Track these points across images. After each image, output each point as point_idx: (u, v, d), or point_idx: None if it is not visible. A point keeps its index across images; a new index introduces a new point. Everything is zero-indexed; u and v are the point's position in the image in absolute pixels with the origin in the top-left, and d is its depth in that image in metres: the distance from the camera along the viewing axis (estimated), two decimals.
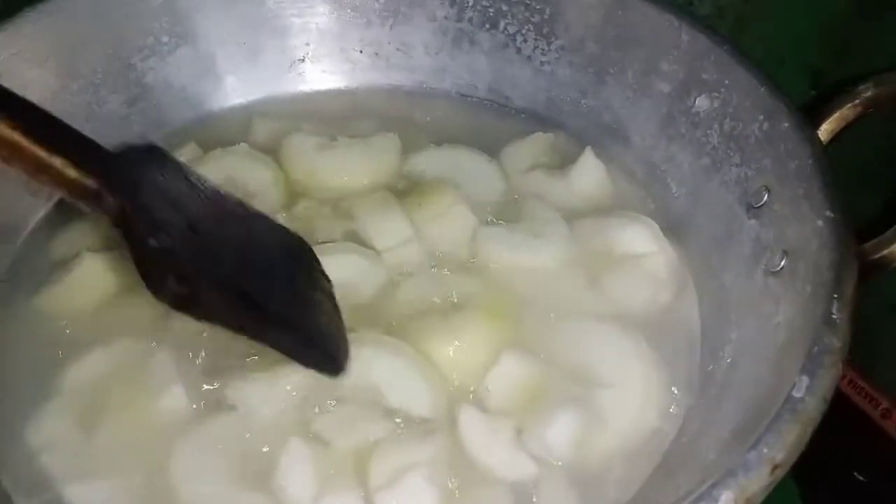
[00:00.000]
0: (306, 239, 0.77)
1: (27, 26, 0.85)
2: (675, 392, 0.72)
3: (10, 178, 0.82)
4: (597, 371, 0.72)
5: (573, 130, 0.96)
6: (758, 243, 0.74)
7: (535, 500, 0.66)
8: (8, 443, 0.67)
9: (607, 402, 0.70)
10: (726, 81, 0.82)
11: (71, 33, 0.88)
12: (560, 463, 0.67)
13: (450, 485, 0.66)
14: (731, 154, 0.81)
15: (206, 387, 0.70)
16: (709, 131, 0.84)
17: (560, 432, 0.67)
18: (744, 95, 0.80)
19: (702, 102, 0.85)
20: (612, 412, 0.70)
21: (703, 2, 0.98)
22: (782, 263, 0.70)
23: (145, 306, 0.76)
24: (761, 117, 0.77)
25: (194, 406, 0.69)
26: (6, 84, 0.60)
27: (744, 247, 0.76)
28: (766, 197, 0.75)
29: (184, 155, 0.91)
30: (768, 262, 0.71)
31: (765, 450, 0.51)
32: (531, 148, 0.92)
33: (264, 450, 0.67)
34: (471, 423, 0.67)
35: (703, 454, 0.61)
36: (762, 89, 0.78)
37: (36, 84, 0.86)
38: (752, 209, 0.76)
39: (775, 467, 0.50)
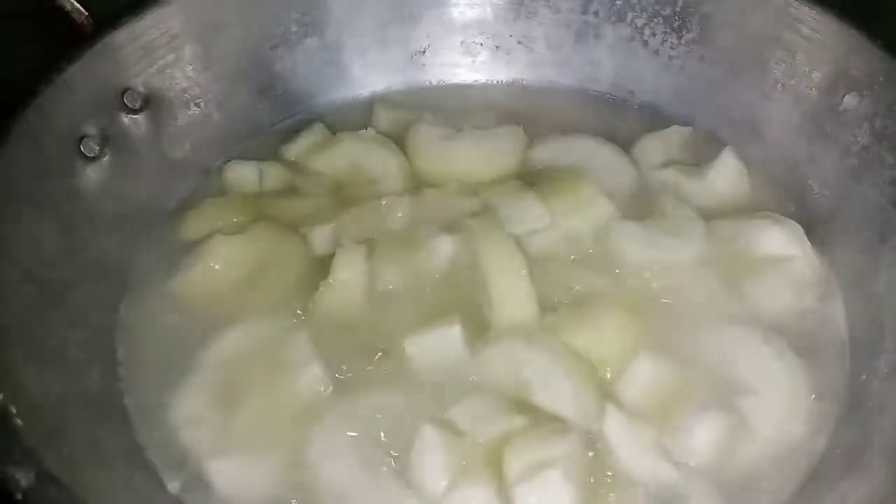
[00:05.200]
0: (434, 219, 0.77)
1: (167, 13, 0.87)
2: (823, 401, 0.69)
3: (151, 166, 0.86)
4: (739, 376, 0.70)
5: (702, 127, 0.93)
6: None
7: None
8: (153, 420, 0.69)
9: (751, 409, 0.68)
10: (880, 78, 0.78)
11: (207, 22, 0.90)
12: (704, 470, 0.65)
13: (588, 484, 0.64)
14: (884, 155, 0.77)
15: (343, 367, 0.70)
16: (857, 131, 0.80)
17: (705, 437, 0.65)
18: None
19: (850, 100, 0.81)
20: (757, 419, 0.67)
21: None
22: None
23: (281, 286, 0.77)
24: None
25: (332, 387, 0.69)
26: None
27: None
28: None
29: (311, 136, 0.92)
30: None
31: None
32: (665, 142, 0.89)
33: (399, 436, 0.67)
34: (615, 424, 0.66)
35: (868, 467, 0.58)
36: None
37: (171, 69, 0.88)
38: None
39: None
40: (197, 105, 0.91)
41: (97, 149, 0.80)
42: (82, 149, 0.79)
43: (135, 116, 0.85)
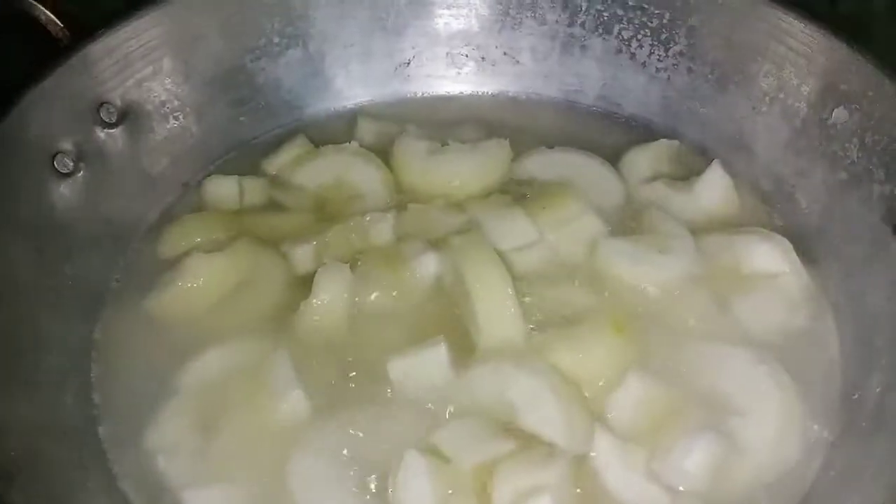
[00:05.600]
0: (419, 235, 0.76)
1: (145, 24, 0.85)
2: (815, 421, 0.68)
3: (128, 182, 0.84)
4: (730, 397, 0.68)
5: (689, 140, 0.92)
6: None
7: None
8: (128, 447, 0.67)
9: (743, 431, 0.66)
10: (869, 93, 0.77)
11: (186, 34, 0.88)
12: (695, 494, 0.63)
13: None
14: (874, 169, 0.76)
15: (325, 390, 0.68)
16: (847, 145, 0.79)
17: (698, 461, 0.63)
18: (890, 107, 0.75)
19: (839, 114, 0.80)
20: (749, 441, 0.66)
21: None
22: None
23: (261, 306, 0.75)
24: None
25: (313, 411, 0.67)
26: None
27: (890, 269, 0.71)
28: None
29: (293, 149, 0.90)
30: None
31: None
32: (653, 155, 0.88)
33: (383, 462, 0.65)
34: (604, 447, 0.64)
35: (864, 490, 0.56)
36: None
37: (149, 82, 0.86)
38: None
39: None
40: (176, 118, 0.89)
41: (72, 165, 0.78)
42: (56, 165, 0.77)
43: (111, 131, 0.83)
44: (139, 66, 0.85)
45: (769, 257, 0.77)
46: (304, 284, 0.76)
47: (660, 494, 0.63)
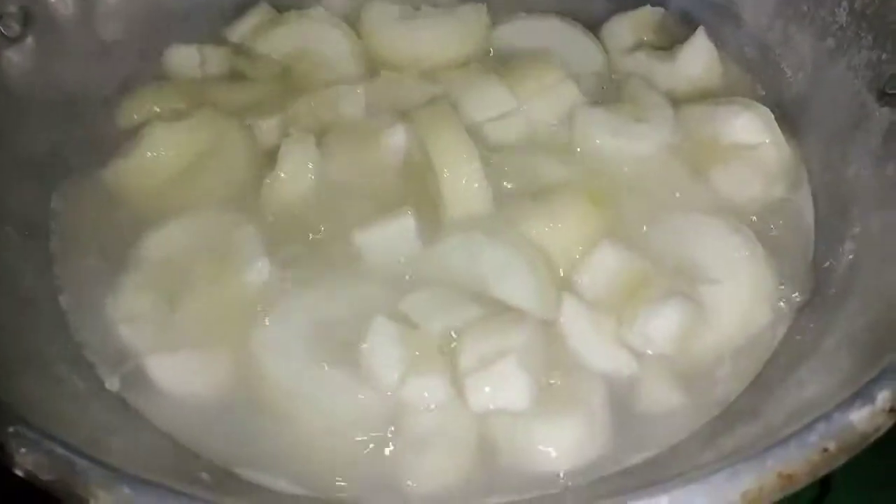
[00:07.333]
0: (390, 107, 0.73)
1: None
2: (785, 288, 0.68)
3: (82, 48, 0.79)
4: (702, 266, 0.68)
5: (676, 7, 0.88)
6: (890, 133, 0.67)
7: (635, 394, 0.62)
8: (88, 315, 0.66)
9: (713, 298, 0.66)
10: None
11: None
12: (662, 358, 0.63)
13: (543, 374, 0.62)
14: (863, 35, 0.73)
15: (291, 260, 0.67)
16: (836, 9, 0.75)
17: (664, 326, 0.63)
18: None
19: None
20: (719, 308, 0.66)
21: None
22: None
23: (225, 178, 0.73)
24: None
25: (280, 281, 0.66)
26: None
27: (872, 137, 0.69)
28: None
29: (256, 16, 0.85)
30: None
31: None
32: (636, 23, 0.84)
33: (350, 328, 0.64)
34: (573, 314, 0.64)
35: (829, 352, 0.57)
36: None
37: None
38: (886, 96, 0.69)
39: None
40: None
41: (18, 28, 0.74)
42: (1, 28, 0.72)
43: None
44: None
45: (750, 128, 0.75)
46: (269, 158, 0.73)
47: (627, 358, 0.63)
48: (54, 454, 0.46)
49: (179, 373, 0.63)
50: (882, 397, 0.44)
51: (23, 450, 0.46)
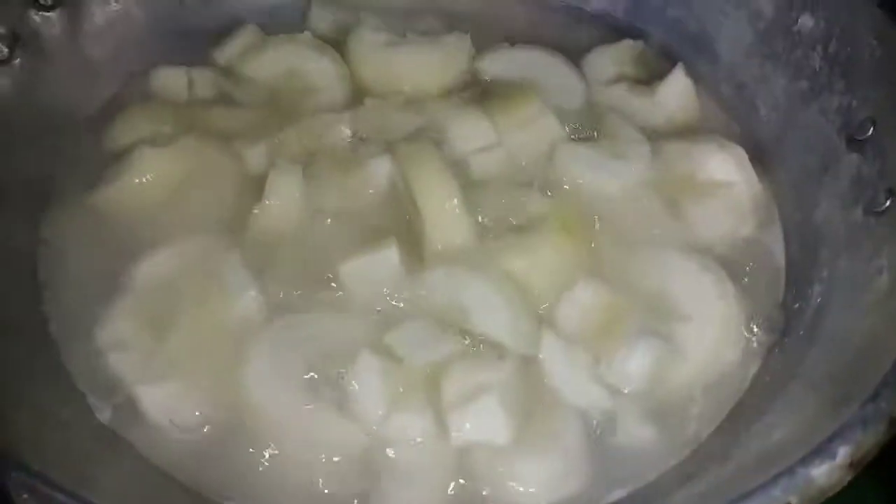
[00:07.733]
0: (376, 136, 0.74)
1: None
2: (756, 329, 0.70)
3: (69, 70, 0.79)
4: (675, 303, 0.70)
5: (655, 41, 0.90)
6: (858, 179, 0.70)
7: (612, 431, 0.65)
8: (79, 346, 0.66)
9: (685, 336, 0.69)
10: (835, 1, 0.75)
11: None
12: (637, 395, 0.66)
13: (523, 409, 0.65)
14: (835, 80, 0.75)
15: (278, 290, 0.68)
16: (811, 53, 0.78)
17: (638, 363, 0.66)
18: (855, 17, 0.73)
19: (805, 21, 0.78)
20: (691, 345, 0.68)
21: None
22: (887, 203, 0.66)
23: (213, 204, 0.74)
24: (874, 42, 0.71)
25: (267, 311, 0.67)
26: None
27: (841, 181, 0.72)
28: (871, 130, 0.70)
29: (243, 38, 0.86)
30: (870, 201, 0.68)
31: (882, 404, 0.49)
32: (616, 56, 0.86)
33: (336, 361, 0.66)
34: (552, 350, 0.66)
35: (795, 396, 0.60)
36: (877, 11, 0.71)
37: None
38: (854, 142, 0.71)
39: (893, 423, 0.48)
40: (116, 1, 0.84)
41: (6, 51, 0.74)
42: None
43: (47, 14, 0.78)
44: None
45: (724, 166, 0.77)
46: (256, 184, 0.74)
47: (602, 395, 0.66)
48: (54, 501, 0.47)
49: (169, 403, 0.64)
50: (842, 452, 0.47)
51: (25, 495, 0.47)
